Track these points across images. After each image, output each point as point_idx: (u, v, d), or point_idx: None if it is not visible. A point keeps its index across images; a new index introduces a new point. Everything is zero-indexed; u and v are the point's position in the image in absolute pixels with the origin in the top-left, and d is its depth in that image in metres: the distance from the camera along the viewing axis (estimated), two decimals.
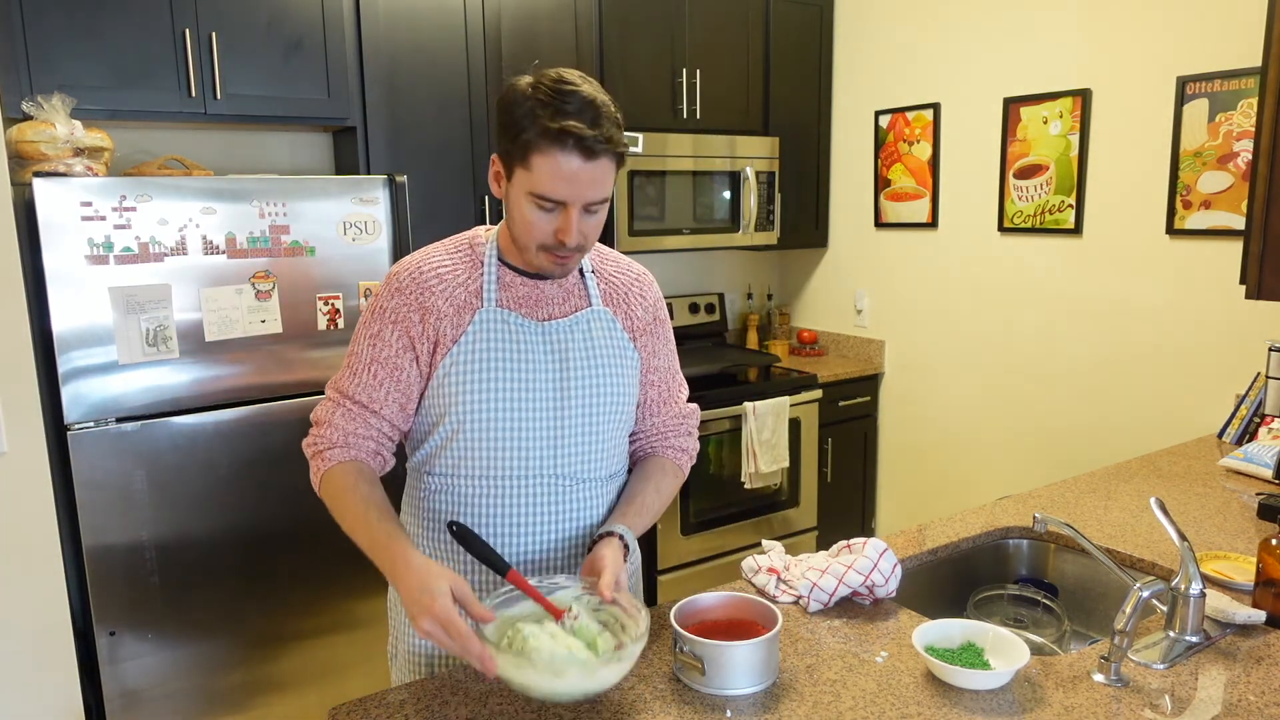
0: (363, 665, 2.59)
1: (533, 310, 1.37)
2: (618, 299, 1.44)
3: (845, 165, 3.85)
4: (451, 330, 1.32)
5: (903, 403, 3.74)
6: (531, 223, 1.26)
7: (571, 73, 1.24)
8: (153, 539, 2.23)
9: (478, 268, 1.36)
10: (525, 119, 1.21)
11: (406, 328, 1.32)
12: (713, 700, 1.21)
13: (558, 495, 1.38)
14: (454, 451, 1.35)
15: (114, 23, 2.32)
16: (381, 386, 1.33)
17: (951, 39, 3.35)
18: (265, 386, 2.35)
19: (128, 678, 2.24)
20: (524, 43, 3.02)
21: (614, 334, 1.41)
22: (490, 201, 3.00)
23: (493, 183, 1.32)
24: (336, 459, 1.32)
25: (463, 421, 1.32)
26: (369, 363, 1.33)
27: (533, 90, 1.22)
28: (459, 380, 1.32)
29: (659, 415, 1.52)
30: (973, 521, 1.91)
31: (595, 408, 1.38)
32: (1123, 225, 2.92)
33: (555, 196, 1.24)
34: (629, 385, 1.43)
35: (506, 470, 1.35)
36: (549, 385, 1.35)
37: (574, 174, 1.22)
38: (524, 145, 1.22)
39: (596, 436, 1.39)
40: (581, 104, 1.20)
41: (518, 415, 1.33)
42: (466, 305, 1.33)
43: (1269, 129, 1.80)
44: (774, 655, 1.26)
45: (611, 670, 1.14)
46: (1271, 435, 2.30)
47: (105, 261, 2.10)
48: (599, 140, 1.21)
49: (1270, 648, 1.35)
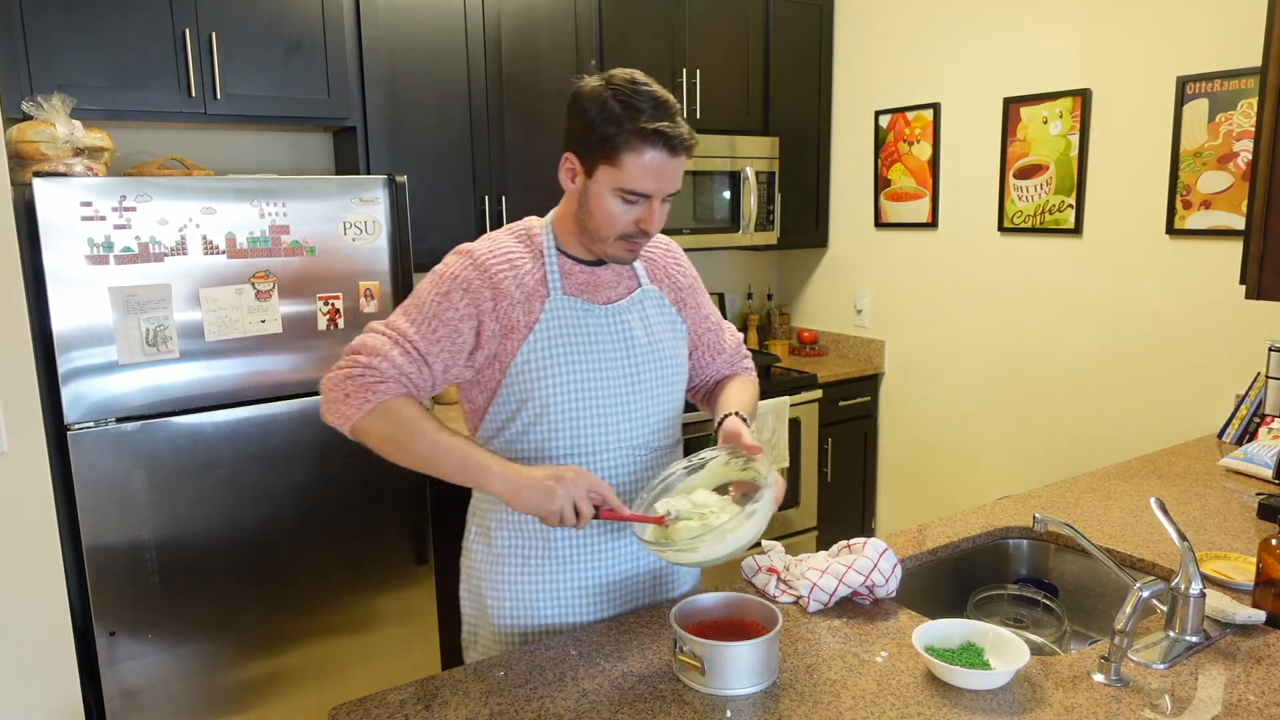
0: (363, 665, 2.59)
1: (593, 295, 1.47)
2: (659, 274, 1.57)
3: (845, 165, 3.85)
4: (524, 317, 1.40)
5: (903, 403, 3.74)
6: (615, 215, 1.37)
7: (636, 72, 1.35)
8: (153, 539, 2.23)
9: (539, 258, 1.45)
10: (609, 122, 1.31)
11: (477, 299, 1.39)
12: (713, 700, 1.21)
13: (633, 465, 1.50)
14: (539, 432, 1.44)
15: (114, 23, 2.32)
16: (439, 343, 1.38)
17: (951, 39, 3.35)
18: (265, 386, 2.35)
19: (128, 678, 2.24)
20: (524, 43, 3.02)
21: (664, 310, 1.55)
22: (490, 201, 3.00)
23: (565, 180, 1.41)
24: (394, 392, 1.35)
25: (547, 404, 1.42)
26: (431, 317, 1.38)
27: (610, 93, 1.32)
28: (539, 367, 1.41)
29: (721, 354, 1.68)
30: (973, 521, 1.91)
31: (661, 379, 1.51)
32: (1123, 225, 2.92)
33: (643, 191, 1.34)
34: (684, 356, 1.57)
35: (589, 445, 1.45)
36: (619, 363, 1.46)
37: (660, 168, 1.33)
38: (612, 145, 1.32)
39: (663, 406, 1.52)
40: (659, 103, 1.32)
41: (596, 393, 1.44)
42: (534, 293, 1.42)
43: (1269, 129, 1.80)
44: (774, 655, 1.27)
45: (750, 527, 1.30)
46: (1271, 435, 2.30)
47: (105, 261, 2.10)
48: (683, 138, 1.33)
49: (1270, 648, 1.35)
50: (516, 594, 1.49)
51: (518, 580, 1.49)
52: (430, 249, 2.89)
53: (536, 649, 1.37)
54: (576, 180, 1.39)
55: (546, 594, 1.49)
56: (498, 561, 1.50)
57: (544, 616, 1.49)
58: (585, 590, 1.49)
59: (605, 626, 1.44)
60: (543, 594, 1.49)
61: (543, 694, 1.24)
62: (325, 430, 2.40)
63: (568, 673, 1.30)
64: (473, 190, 2.99)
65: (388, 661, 2.64)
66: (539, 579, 1.48)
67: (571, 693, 1.24)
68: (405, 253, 2.49)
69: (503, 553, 1.50)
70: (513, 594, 1.49)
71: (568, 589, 1.49)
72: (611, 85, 1.32)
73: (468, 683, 1.27)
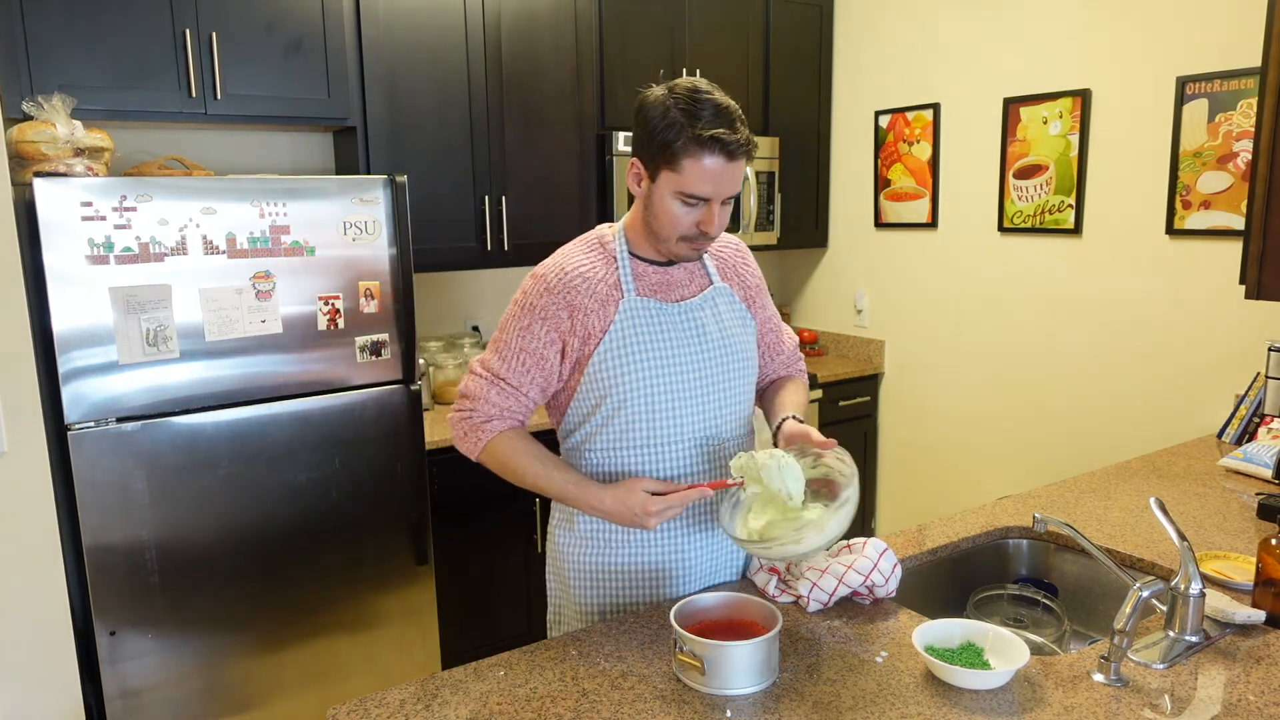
0: (363, 665, 2.59)
1: (666, 294, 1.55)
2: (729, 272, 1.64)
3: (845, 165, 3.85)
4: (599, 323, 1.49)
5: (903, 403, 3.74)
6: (677, 217, 1.44)
7: (700, 81, 1.42)
8: (153, 539, 2.23)
9: (612, 263, 1.53)
10: (670, 128, 1.38)
11: (555, 324, 1.49)
12: (713, 700, 1.21)
13: (707, 455, 1.56)
14: (616, 427, 1.52)
15: (114, 23, 2.32)
16: (529, 373, 1.52)
17: (951, 39, 3.35)
18: (265, 386, 2.35)
19: (128, 677, 2.24)
20: (524, 43, 3.02)
21: (734, 306, 1.61)
22: (490, 201, 3.00)
23: (631, 183, 1.49)
24: (496, 429, 1.53)
25: (624, 400, 1.50)
26: (518, 351, 1.52)
27: (672, 101, 1.38)
28: (616, 365, 1.49)
29: (780, 354, 1.76)
30: (973, 521, 1.91)
31: (732, 373, 1.57)
32: (1122, 225, 2.93)
33: (702, 194, 1.41)
34: (754, 349, 1.64)
35: (663, 438, 1.52)
36: (692, 357, 1.53)
37: (719, 173, 1.39)
38: (672, 151, 1.38)
39: (734, 400, 1.58)
40: (719, 111, 1.38)
41: (670, 388, 1.51)
42: (609, 298, 1.50)
43: (1269, 129, 1.80)
44: (774, 655, 1.27)
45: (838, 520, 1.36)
46: (1271, 435, 2.30)
47: (105, 261, 2.10)
48: (740, 144, 1.39)
49: (1270, 648, 1.35)
50: (597, 574, 1.58)
51: (598, 561, 1.58)
52: (430, 249, 2.90)
53: (537, 649, 1.37)
54: (642, 184, 1.47)
55: (624, 574, 1.57)
56: (580, 544, 1.59)
57: (623, 596, 1.58)
58: (660, 571, 1.57)
59: (605, 626, 1.44)
60: (621, 574, 1.57)
61: (543, 694, 1.24)
62: (325, 430, 2.43)
63: (568, 673, 1.30)
64: (473, 190, 2.99)
65: (388, 661, 2.63)
66: (617, 560, 1.57)
67: (571, 692, 1.24)
68: (405, 253, 2.49)
69: (584, 536, 1.58)
70: (594, 574, 1.58)
71: (645, 569, 1.57)
72: (674, 94, 1.39)
73: (468, 683, 1.28)
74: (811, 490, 1.48)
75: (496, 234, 3.03)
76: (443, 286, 3.37)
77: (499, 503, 2.88)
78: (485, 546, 2.90)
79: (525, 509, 2.94)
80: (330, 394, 2.44)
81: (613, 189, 3.20)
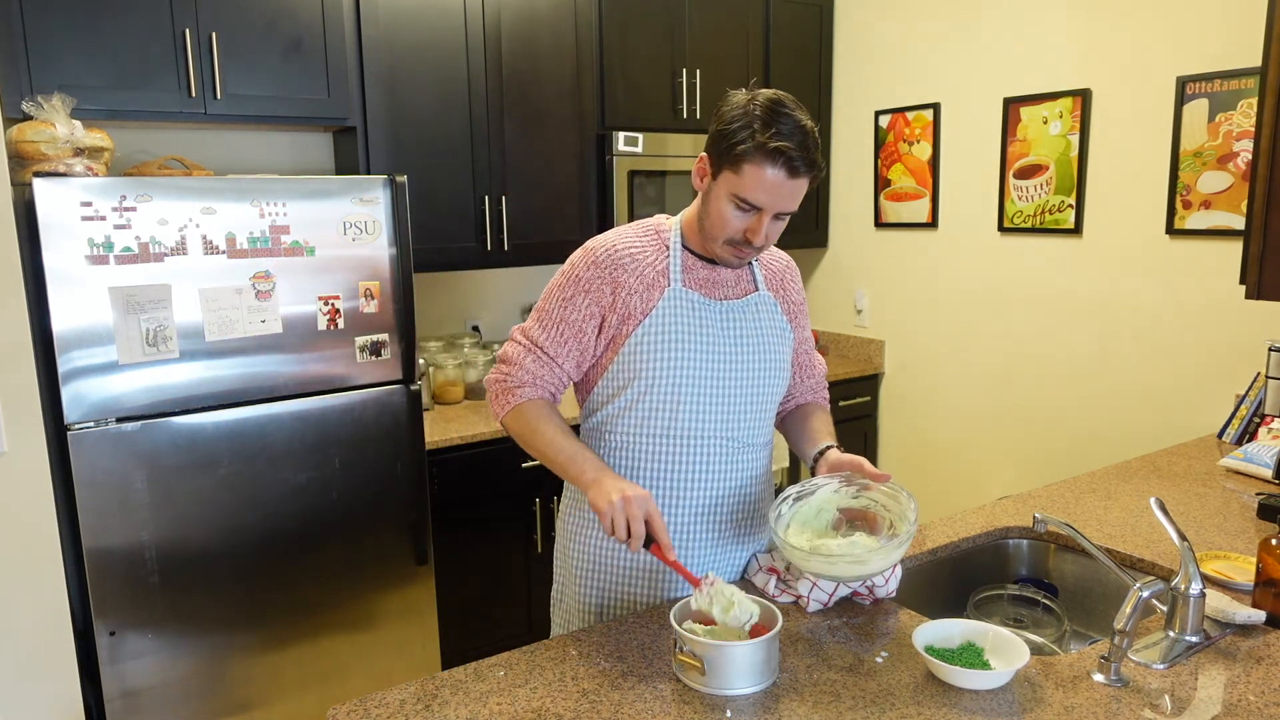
0: (363, 665, 2.59)
1: (711, 291, 1.55)
2: (776, 284, 1.66)
3: (845, 165, 3.85)
4: (641, 305, 1.50)
5: (903, 403, 3.74)
6: (727, 219, 1.44)
7: (785, 96, 1.41)
8: (153, 539, 2.23)
9: (663, 251, 1.54)
10: (743, 130, 1.38)
11: (598, 298, 1.50)
12: (713, 700, 1.21)
13: (724, 457, 1.56)
14: (638, 413, 1.52)
15: (114, 23, 2.32)
16: (566, 344, 1.53)
17: (951, 39, 3.35)
18: (265, 386, 2.35)
19: (128, 678, 2.24)
20: (524, 43, 3.02)
21: (775, 316, 1.61)
22: (490, 201, 3.00)
23: (695, 178, 1.50)
24: (527, 395, 1.53)
25: (650, 386, 1.50)
26: (558, 321, 1.52)
27: (753, 106, 1.39)
28: (650, 349, 1.49)
29: (810, 378, 1.77)
30: (973, 521, 1.91)
31: (762, 379, 1.57)
32: (1122, 225, 2.92)
33: (755, 202, 1.41)
34: (787, 361, 1.64)
35: (683, 431, 1.52)
36: (724, 357, 1.53)
37: (777, 186, 1.40)
38: (738, 153, 1.39)
39: (760, 406, 1.58)
40: (794, 127, 1.38)
41: (697, 383, 1.51)
42: (655, 284, 1.51)
43: (1269, 129, 1.80)
44: (774, 655, 1.27)
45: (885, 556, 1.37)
46: (1271, 435, 2.30)
47: (105, 261, 2.10)
48: (805, 162, 1.39)
49: (1270, 648, 1.35)
50: (600, 563, 1.59)
51: (603, 551, 1.59)
52: (430, 249, 2.90)
53: (537, 649, 1.37)
54: (704, 180, 1.47)
55: (625, 569, 1.58)
56: (586, 526, 1.60)
57: (621, 590, 1.59)
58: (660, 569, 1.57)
59: (605, 626, 1.44)
60: (622, 569, 1.58)
61: (543, 694, 1.24)
62: (325, 430, 2.43)
63: (568, 673, 1.30)
64: (473, 190, 2.99)
65: (388, 661, 2.63)
66: (620, 552, 1.58)
67: (571, 692, 1.24)
68: (405, 253, 2.49)
69: (591, 519, 1.59)
70: (596, 562, 1.59)
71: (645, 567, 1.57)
72: (756, 100, 1.39)
73: (468, 683, 1.28)
74: (847, 520, 1.52)
75: (496, 234, 3.03)
76: (443, 286, 3.37)
77: (499, 503, 2.88)
78: (485, 546, 2.90)
79: (525, 509, 2.94)
80: (330, 394, 2.44)
81: (613, 189, 3.20)
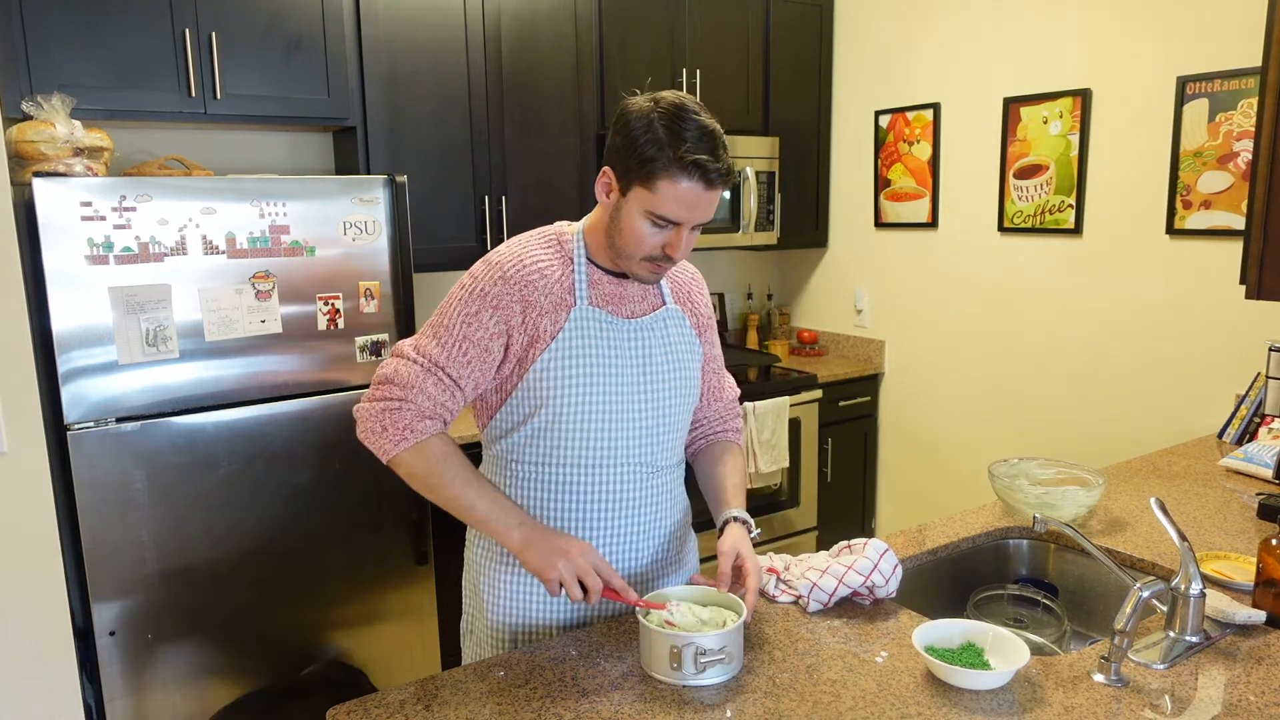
0: (363, 665, 2.59)
1: (618, 308, 1.47)
2: (684, 296, 1.57)
3: (845, 165, 3.85)
4: (550, 326, 1.41)
5: (903, 403, 3.74)
6: (643, 237, 1.36)
7: (687, 98, 1.34)
8: (153, 539, 2.23)
9: (568, 265, 1.45)
10: (651, 145, 1.30)
11: (506, 316, 1.39)
12: (713, 700, 1.21)
13: (640, 482, 1.49)
14: (548, 441, 1.44)
15: (114, 23, 2.32)
16: (469, 365, 1.39)
17: (951, 39, 3.35)
18: (265, 386, 2.35)
19: (128, 678, 2.24)
20: (524, 43, 3.02)
21: (684, 330, 1.54)
22: (490, 202, 3.00)
23: (600, 193, 1.40)
24: (431, 430, 1.38)
25: (559, 413, 1.42)
26: (461, 340, 1.39)
27: (657, 115, 1.31)
28: (558, 374, 1.40)
29: (718, 401, 1.67)
30: (973, 521, 1.91)
31: (675, 399, 1.51)
32: (1123, 225, 2.92)
33: (674, 218, 1.33)
34: (698, 378, 1.57)
35: (596, 459, 1.45)
36: (635, 379, 1.46)
37: (695, 199, 1.32)
38: (650, 169, 1.31)
39: (673, 426, 1.52)
40: (702, 133, 1.30)
41: (609, 407, 1.43)
42: (561, 302, 1.42)
43: (1269, 129, 1.80)
44: (737, 644, 1.28)
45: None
46: (1271, 435, 2.30)
47: (105, 261, 2.10)
48: (721, 172, 1.31)
49: (1270, 648, 1.35)
50: (510, 591, 1.51)
51: (511, 579, 1.50)
52: (430, 249, 2.90)
53: (537, 649, 1.37)
54: (611, 196, 1.38)
55: (536, 595, 1.50)
56: (494, 559, 1.52)
57: (534, 615, 1.50)
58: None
59: (605, 626, 1.44)
60: (533, 595, 1.50)
61: (543, 694, 1.24)
62: (325, 430, 2.42)
63: (568, 673, 1.30)
64: (473, 190, 2.99)
65: (388, 661, 2.63)
66: (530, 579, 1.49)
67: (571, 693, 1.24)
68: (405, 253, 2.49)
69: (498, 551, 1.51)
70: (506, 591, 1.51)
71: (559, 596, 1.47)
72: (659, 108, 1.31)
73: (468, 683, 1.27)
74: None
75: (496, 234, 3.03)
76: (443, 287, 3.37)
77: None
78: None
79: None
80: (330, 394, 2.44)
81: None
